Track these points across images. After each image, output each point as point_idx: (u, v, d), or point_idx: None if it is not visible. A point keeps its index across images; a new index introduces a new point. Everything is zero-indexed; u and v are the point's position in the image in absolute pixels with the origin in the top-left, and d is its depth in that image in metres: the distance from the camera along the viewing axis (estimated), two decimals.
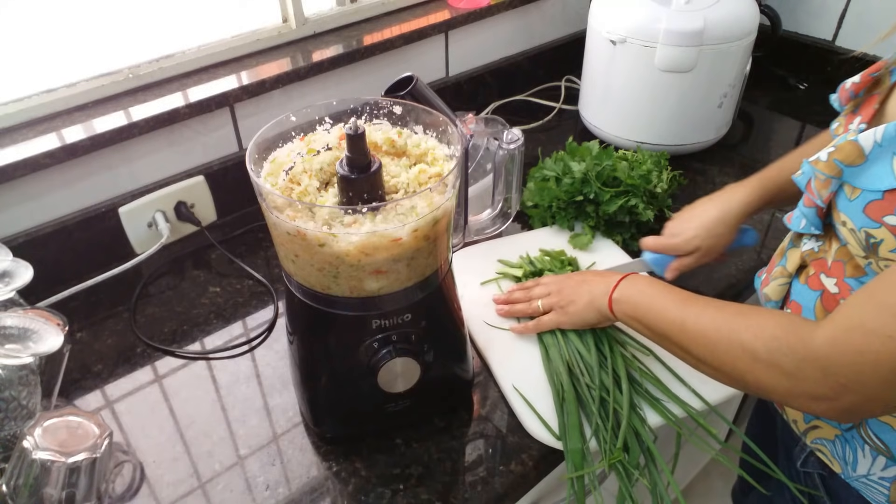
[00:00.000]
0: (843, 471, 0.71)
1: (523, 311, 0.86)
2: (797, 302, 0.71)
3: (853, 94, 0.67)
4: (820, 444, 0.73)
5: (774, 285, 0.74)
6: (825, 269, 0.66)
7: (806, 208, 0.67)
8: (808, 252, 0.70)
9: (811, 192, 0.64)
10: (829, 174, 0.60)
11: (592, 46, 1.23)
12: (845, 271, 0.64)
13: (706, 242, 0.84)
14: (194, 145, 1.06)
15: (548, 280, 0.87)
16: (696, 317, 0.65)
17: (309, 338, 0.70)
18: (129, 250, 1.04)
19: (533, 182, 1.06)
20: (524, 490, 0.74)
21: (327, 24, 1.20)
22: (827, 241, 0.67)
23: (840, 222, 0.61)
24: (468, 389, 0.80)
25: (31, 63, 0.95)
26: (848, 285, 0.63)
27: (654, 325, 0.69)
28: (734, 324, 0.61)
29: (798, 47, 1.48)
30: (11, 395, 0.67)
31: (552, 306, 0.82)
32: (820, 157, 0.61)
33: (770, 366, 0.58)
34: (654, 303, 0.70)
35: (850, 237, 0.60)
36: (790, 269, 0.72)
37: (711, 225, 0.85)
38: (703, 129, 1.21)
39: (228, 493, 0.71)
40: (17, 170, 0.88)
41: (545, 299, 0.84)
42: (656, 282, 0.73)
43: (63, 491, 0.62)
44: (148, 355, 0.88)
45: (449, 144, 0.67)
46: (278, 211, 0.59)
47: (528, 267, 0.95)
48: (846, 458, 0.70)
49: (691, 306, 0.67)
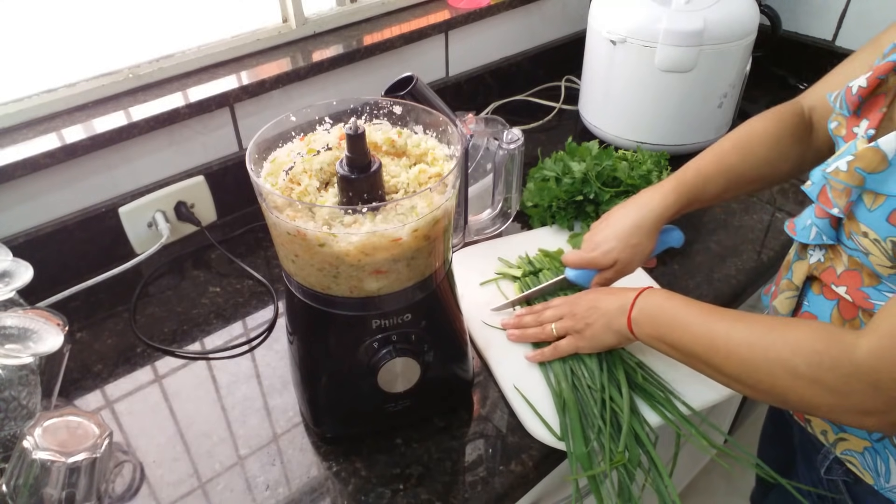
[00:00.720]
0: (875, 482, 0.69)
1: (536, 336, 0.83)
2: (811, 312, 0.70)
3: (861, 99, 0.65)
4: (849, 456, 0.72)
5: (782, 298, 0.73)
6: (834, 280, 0.65)
7: (818, 219, 0.65)
8: (816, 264, 0.68)
9: (825, 202, 0.62)
10: (851, 183, 0.58)
11: (592, 46, 1.23)
12: (862, 280, 0.62)
13: (623, 254, 0.80)
14: (194, 145, 1.06)
15: (558, 302, 0.83)
16: (727, 333, 0.62)
17: (309, 338, 0.70)
18: (129, 250, 1.04)
19: (533, 182, 1.06)
20: (524, 490, 0.74)
21: (327, 24, 1.20)
22: (833, 250, 0.66)
23: (860, 233, 0.59)
24: (468, 389, 0.80)
25: (31, 63, 0.95)
26: (864, 293, 0.62)
27: (680, 344, 0.66)
28: (769, 339, 0.59)
29: (798, 47, 1.49)
30: (11, 395, 0.67)
31: (567, 331, 0.79)
32: (839, 167, 0.59)
33: (813, 382, 0.56)
34: (677, 320, 0.67)
35: (874, 247, 0.58)
36: (797, 281, 0.71)
37: (626, 235, 0.80)
38: (703, 129, 1.21)
39: (228, 493, 0.71)
40: (17, 170, 0.88)
41: (559, 323, 0.80)
42: (674, 296, 0.70)
43: (63, 491, 0.62)
44: (148, 355, 0.88)
45: (449, 144, 0.67)
46: (278, 211, 0.59)
47: (527, 267, 0.95)
48: (878, 470, 0.68)
49: (718, 321, 0.64)
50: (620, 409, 0.74)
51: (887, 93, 0.63)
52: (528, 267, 0.95)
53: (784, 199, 1.14)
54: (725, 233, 1.07)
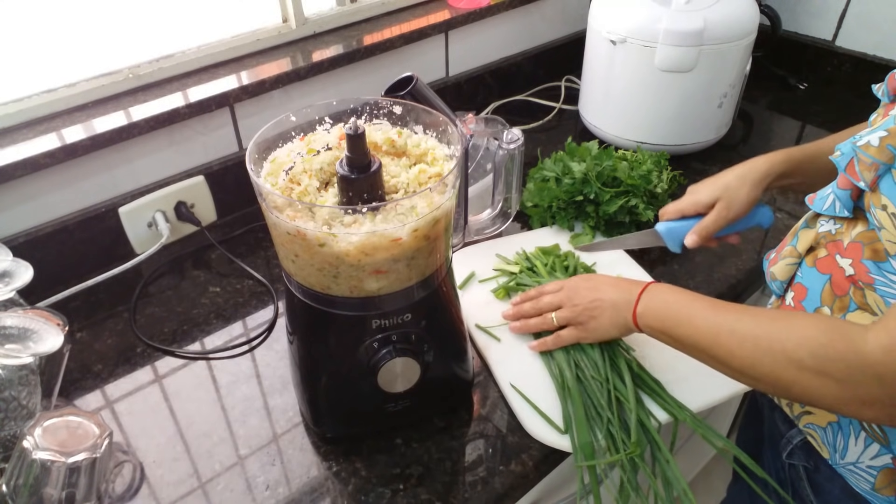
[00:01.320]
0: (830, 457, 0.71)
1: (538, 326, 0.83)
2: (802, 284, 0.70)
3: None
4: (811, 430, 0.73)
5: (783, 265, 0.73)
6: (840, 251, 0.66)
7: (840, 190, 0.66)
8: (825, 234, 0.69)
9: (852, 173, 0.63)
10: (881, 160, 0.58)
11: (592, 46, 1.23)
12: (864, 253, 0.63)
13: (725, 195, 0.81)
14: (194, 145, 1.06)
15: (554, 287, 0.83)
16: (732, 326, 0.63)
17: (309, 338, 0.70)
18: (129, 250, 1.04)
19: (532, 182, 1.06)
20: (524, 490, 0.74)
21: (327, 24, 1.20)
22: (846, 223, 0.66)
23: (880, 206, 0.59)
24: (468, 389, 0.80)
25: (31, 63, 0.95)
26: (865, 266, 0.62)
27: (686, 337, 0.67)
28: (774, 331, 0.59)
29: (798, 47, 1.49)
30: (11, 395, 0.67)
31: (569, 321, 0.79)
32: (871, 142, 0.59)
33: (818, 374, 0.56)
34: (682, 314, 0.67)
35: (888, 221, 0.58)
36: (801, 249, 0.71)
37: (732, 180, 0.82)
38: (703, 129, 1.21)
39: (228, 493, 0.71)
40: (17, 170, 0.88)
41: (560, 313, 0.80)
42: (680, 290, 0.71)
43: (63, 491, 0.62)
44: (148, 355, 0.88)
45: (449, 144, 0.67)
46: (278, 211, 0.59)
47: (525, 263, 0.95)
48: (836, 446, 0.70)
49: (723, 314, 0.64)
50: (626, 398, 0.74)
51: None
52: (526, 263, 0.95)
53: (784, 200, 1.14)
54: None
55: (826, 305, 0.67)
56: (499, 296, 0.92)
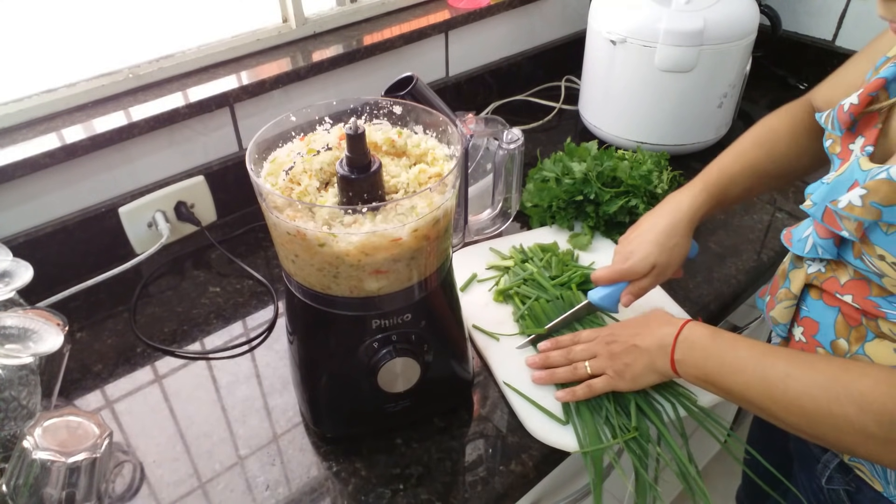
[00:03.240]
0: (884, 489, 0.68)
1: (566, 378, 0.77)
2: (812, 318, 0.69)
3: (853, 117, 0.64)
4: (857, 462, 0.70)
5: (780, 308, 0.72)
6: (838, 289, 0.65)
7: (822, 239, 0.64)
8: (815, 274, 0.68)
9: (833, 224, 0.61)
10: (867, 218, 0.56)
11: (592, 46, 1.23)
12: (870, 290, 0.61)
13: (661, 258, 0.78)
14: (194, 145, 1.06)
15: (589, 335, 0.79)
16: (784, 381, 0.59)
17: (309, 338, 0.70)
18: (129, 250, 1.04)
19: (532, 183, 1.06)
20: (524, 490, 0.74)
21: (327, 24, 1.20)
22: (834, 262, 0.65)
23: (875, 256, 0.58)
24: (468, 389, 0.80)
25: (31, 63, 0.95)
26: (874, 302, 0.61)
27: (732, 388, 0.63)
28: (833, 392, 0.56)
29: (798, 47, 1.49)
30: (11, 395, 0.67)
31: (604, 370, 0.74)
32: (852, 202, 0.57)
33: (887, 442, 0.53)
34: (726, 362, 0.64)
35: (890, 270, 0.57)
36: (795, 290, 0.70)
37: (663, 238, 0.78)
38: (703, 129, 1.21)
39: (228, 493, 0.71)
40: (17, 170, 0.88)
41: (594, 362, 0.75)
42: (718, 332, 0.67)
43: (63, 491, 0.62)
44: (148, 355, 0.88)
45: (449, 144, 0.67)
46: (278, 211, 0.59)
47: (519, 256, 0.96)
48: (887, 477, 0.67)
49: (772, 365, 0.60)
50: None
51: (880, 110, 0.62)
52: (521, 256, 0.96)
53: (784, 200, 1.14)
54: (725, 233, 1.07)
55: (842, 337, 0.65)
56: (496, 299, 0.92)
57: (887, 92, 0.63)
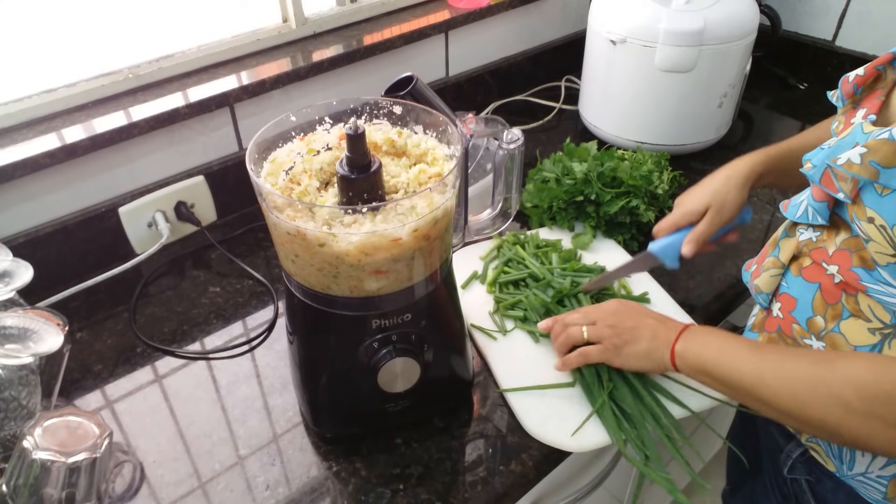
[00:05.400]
0: (837, 469, 0.70)
1: (564, 343, 0.78)
2: (790, 294, 0.70)
3: (856, 88, 0.66)
4: (814, 443, 0.73)
5: (766, 276, 0.73)
6: (826, 258, 0.65)
7: (817, 202, 0.65)
8: (806, 241, 0.68)
9: (829, 186, 0.62)
10: (864, 177, 0.57)
11: (592, 46, 1.23)
12: (852, 260, 0.62)
13: (715, 200, 0.82)
14: (194, 145, 1.06)
15: (587, 309, 0.80)
16: (776, 367, 0.61)
17: (309, 338, 0.70)
18: (129, 250, 1.04)
19: (532, 184, 1.06)
20: (524, 490, 0.74)
21: (327, 24, 1.20)
22: (826, 230, 0.66)
23: (865, 218, 0.58)
24: (468, 389, 0.80)
25: (31, 63, 0.95)
26: (855, 274, 0.62)
27: (727, 378, 0.65)
28: (820, 372, 0.58)
29: (798, 47, 1.48)
30: (11, 395, 0.67)
31: (601, 339, 0.75)
32: (851, 160, 0.58)
33: (867, 417, 0.55)
34: (724, 354, 0.66)
35: (878, 234, 0.57)
36: (784, 259, 0.71)
37: (717, 185, 0.83)
38: (703, 129, 1.21)
39: (228, 493, 0.71)
40: (17, 170, 0.88)
41: (593, 329, 0.76)
42: (719, 331, 0.70)
43: (63, 491, 0.62)
44: (148, 355, 0.88)
45: (449, 144, 0.67)
46: (278, 211, 0.59)
47: (513, 239, 0.97)
48: (842, 458, 0.69)
49: (767, 355, 0.63)
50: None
51: (884, 86, 0.64)
52: (513, 240, 0.98)
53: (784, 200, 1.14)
54: None
55: (818, 315, 0.67)
56: (489, 290, 0.92)
57: (893, 67, 0.64)
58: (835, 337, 0.65)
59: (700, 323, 0.88)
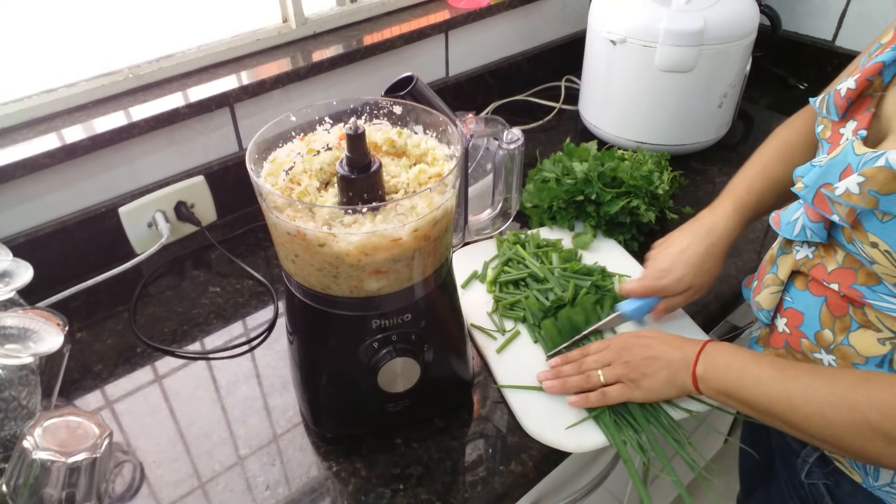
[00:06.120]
0: (863, 480, 0.69)
1: (579, 386, 0.76)
2: (796, 309, 0.69)
3: (849, 101, 0.64)
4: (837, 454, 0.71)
5: (766, 294, 0.72)
6: (824, 276, 0.65)
7: (812, 223, 0.64)
8: (804, 260, 0.68)
9: (824, 208, 0.61)
10: (864, 206, 0.56)
11: (592, 46, 1.23)
12: (856, 278, 0.61)
13: (697, 280, 0.80)
14: (194, 145, 1.06)
15: (599, 346, 0.78)
16: (804, 393, 0.59)
17: (309, 338, 0.70)
18: (129, 250, 1.04)
19: (532, 184, 1.06)
20: (524, 490, 0.74)
21: (327, 24, 1.20)
22: (824, 247, 0.65)
23: (868, 243, 0.58)
24: (468, 389, 0.80)
25: (31, 63, 0.95)
26: (859, 292, 0.61)
27: (754, 402, 0.64)
28: (852, 399, 0.56)
29: (798, 47, 1.48)
30: (11, 395, 0.67)
31: (619, 378, 0.74)
32: (850, 190, 0.57)
33: None
34: (748, 376, 0.64)
35: (883, 258, 0.57)
36: (782, 276, 0.70)
37: (699, 261, 0.80)
38: (703, 129, 1.21)
39: (228, 493, 0.71)
40: (17, 170, 0.88)
41: (608, 370, 0.75)
42: (739, 349, 0.68)
43: (63, 491, 0.62)
44: (148, 355, 0.88)
45: (449, 144, 0.67)
46: (278, 211, 0.59)
47: (513, 238, 0.97)
48: (867, 469, 0.68)
49: (794, 378, 0.61)
50: None
51: (873, 94, 0.63)
52: (514, 238, 0.97)
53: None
54: None
55: (826, 328, 0.66)
56: (489, 289, 0.92)
57: (881, 77, 0.63)
58: (844, 349, 0.64)
59: (700, 323, 0.88)
